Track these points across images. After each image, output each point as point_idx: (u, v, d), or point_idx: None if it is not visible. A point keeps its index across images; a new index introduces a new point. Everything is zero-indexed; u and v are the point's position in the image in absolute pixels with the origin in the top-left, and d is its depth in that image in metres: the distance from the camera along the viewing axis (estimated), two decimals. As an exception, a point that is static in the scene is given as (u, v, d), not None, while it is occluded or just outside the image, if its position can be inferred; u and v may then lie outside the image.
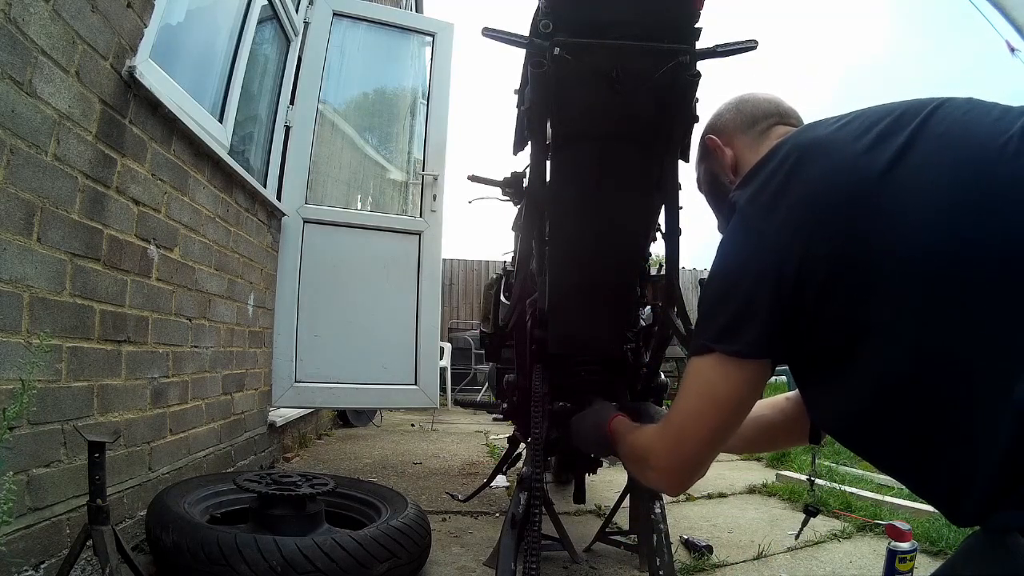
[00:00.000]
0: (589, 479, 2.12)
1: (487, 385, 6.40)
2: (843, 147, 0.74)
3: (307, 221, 3.07)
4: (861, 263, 0.68)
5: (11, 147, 1.14)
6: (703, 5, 0.99)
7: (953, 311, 0.63)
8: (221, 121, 2.33)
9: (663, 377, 1.69)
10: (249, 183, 2.44)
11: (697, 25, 1.01)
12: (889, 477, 2.79)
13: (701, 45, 1.03)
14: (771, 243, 0.74)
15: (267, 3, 2.73)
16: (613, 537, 1.90)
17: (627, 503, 1.87)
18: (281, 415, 3.07)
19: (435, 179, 3.32)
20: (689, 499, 2.68)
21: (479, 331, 3.57)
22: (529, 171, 1.45)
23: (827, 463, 3.21)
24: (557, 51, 0.99)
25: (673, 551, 1.41)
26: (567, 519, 2.06)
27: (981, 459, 0.60)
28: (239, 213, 2.40)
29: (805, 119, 0.97)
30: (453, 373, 6.75)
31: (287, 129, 3.08)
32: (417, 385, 3.20)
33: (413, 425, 4.90)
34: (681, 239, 1.31)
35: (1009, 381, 0.59)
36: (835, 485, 2.71)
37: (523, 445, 1.99)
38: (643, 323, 1.71)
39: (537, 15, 1.02)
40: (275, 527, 1.49)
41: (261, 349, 2.77)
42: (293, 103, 3.10)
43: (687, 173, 1.21)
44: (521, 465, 1.94)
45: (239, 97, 2.46)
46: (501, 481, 2.61)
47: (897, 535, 1.30)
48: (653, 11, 1.00)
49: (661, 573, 1.34)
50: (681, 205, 1.29)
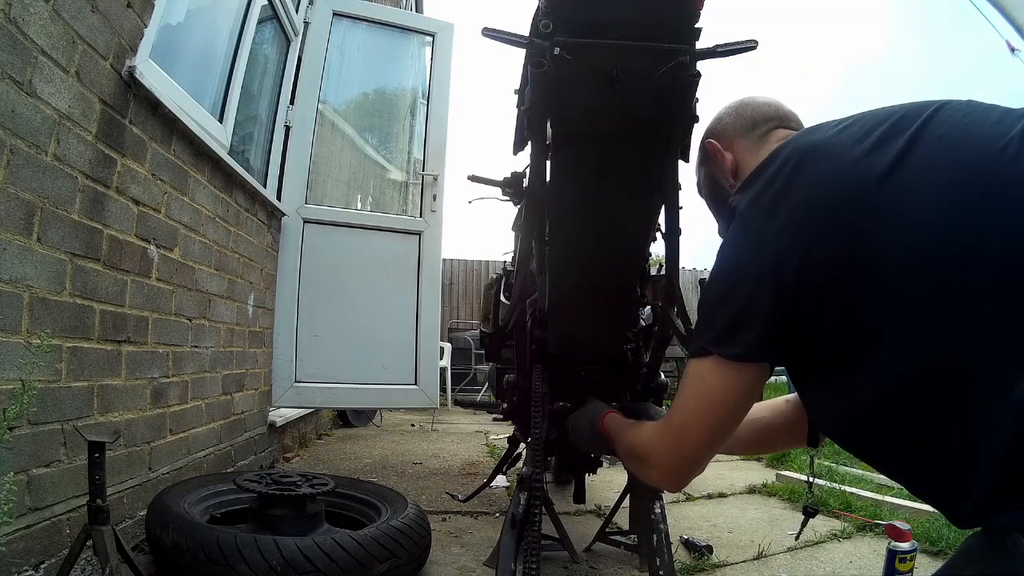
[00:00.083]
0: (589, 479, 2.12)
1: (487, 385, 6.40)
2: (843, 151, 0.74)
3: (307, 221, 3.07)
4: (861, 265, 0.68)
5: (11, 147, 1.14)
6: (703, 5, 0.99)
7: (953, 312, 0.64)
8: (221, 121, 2.33)
9: (663, 377, 1.69)
10: (249, 183, 2.44)
11: (697, 25, 1.01)
12: (889, 478, 2.79)
13: (701, 45, 1.03)
14: (771, 246, 0.74)
15: (267, 3, 2.73)
16: (613, 537, 1.90)
17: (627, 503, 1.87)
18: (281, 415, 3.07)
19: (435, 179, 3.32)
20: (689, 499, 2.68)
21: (479, 331, 3.56)
22: (529, 171, 1.45)
23: (827, 463, 3.21)
24: (557, 51, 0.99)
25: (673, 551, 1.41)
26: (567, 519, 2.06)
27: (981, 460, 0.60)
28: (239, 213, 2.40)
29: (805, 120, 0.97)
30: (453, 373, 6.75)
31: (287, 129, 3.08)
32: (417, 385, 3.20)
33: (413, 425, 4.90)
34: (681, 239, 1.31)
35: (1009, 382, 0.59)
36: (835, 485, 2.71)
37: (523, 445, 1.99)
38: (643, 323, 1.71)
39: (537, 15, 1.02)
40: (275, 527, 1.49)
41: (261, 349, 2.77)
42: (293, 103, 3.10)
43: (687, 173, 1.21)
44: (521, 465, 1.94)
45: (239, 97, 2.47)
46: (501, 481, 2.61)
47: (897, 535, 1.30)
48: (653, 11, 0.99)
49: (661, 573, 1.34)
50: (681, 205, 1.29)
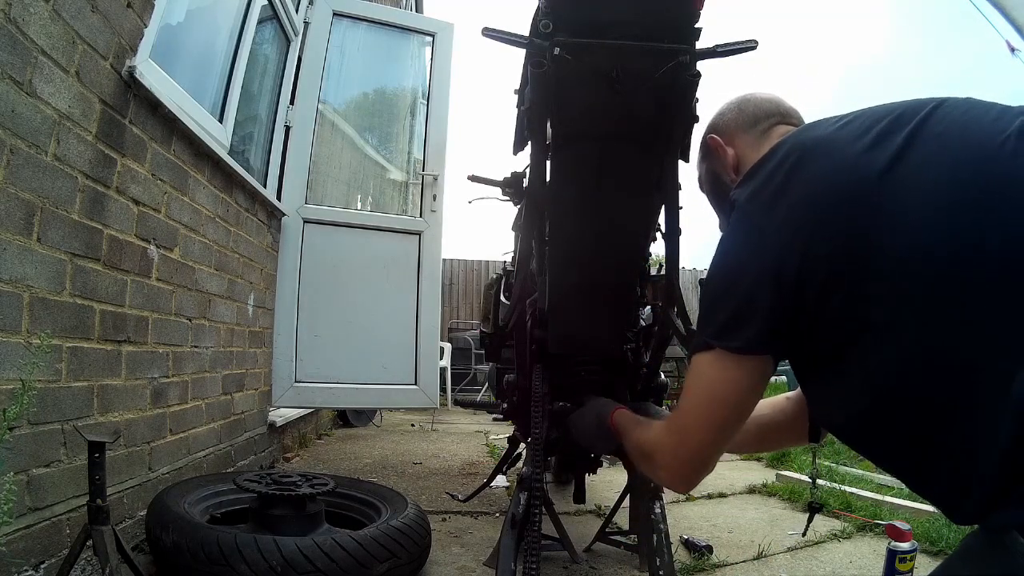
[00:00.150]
0: (589, 479, 2.12)
1: (487, 385, 6.40)
2: (843, 147, 0.74)
3: (307, 221, 3.07)
4: (861, 263, 0.68)
5: (11, 147, 1.14)
6: (703, 5, 0.99)
7: (953, 311, 0.63)
8: (221, 121, 2.33)
9: (663, 377, 1.69)
10: (249, 183, 2.44)
11: (697, 25, 1.01)
12: (889, 476, 2.78)
13: (701, 45, 1.03)
14: (771, 241, 0.74)
15: (267, 3, 2.73)
16: (613, 537, 1.90)
17: (627, 503, 1.87)
18: (281, 415, 3.07)
19: (435, 179, 3.32)
20: (689, 499, 2.68)
21: (479, 331, 3.56)
22: (529, 171, 1.45)
23: (827, 463, 3.21)
24: (557, 51, 0.99)
25: (673, 551, 1.41)
26: (567, 519, 2.06)
27: (980, 459, 0.61)
28: (239, 213, 2.40)
29: (805, 119, 0.97)
30: (453, 373, 6.75)
31: (287, 129, 3.08)
32: (417, 385, 3.20)
33: (413, 425, 4.90)
34: (681, 239, 1.32)
35: (1009, 381, 0.59)
36: (835, 485, 2.71)
37: (523, 445, 1.99)
38: (643, 323, 1.71)
39: (537, 15, 1.02)
40: (275, 527, 1.49)
41: (261, 349, 2.77)
42: (293, 103, 3.10)
43: (687, 173, 1.21)
44: (521, 465, 1.94)
45: (239, 97, 2.46)
46: (501, 481, 2.61)
47: (897, 535, 1.30)
48: (653, 11, 1.00)
49: (661, 573, 1.34)
50: (681, 205, 1.29)
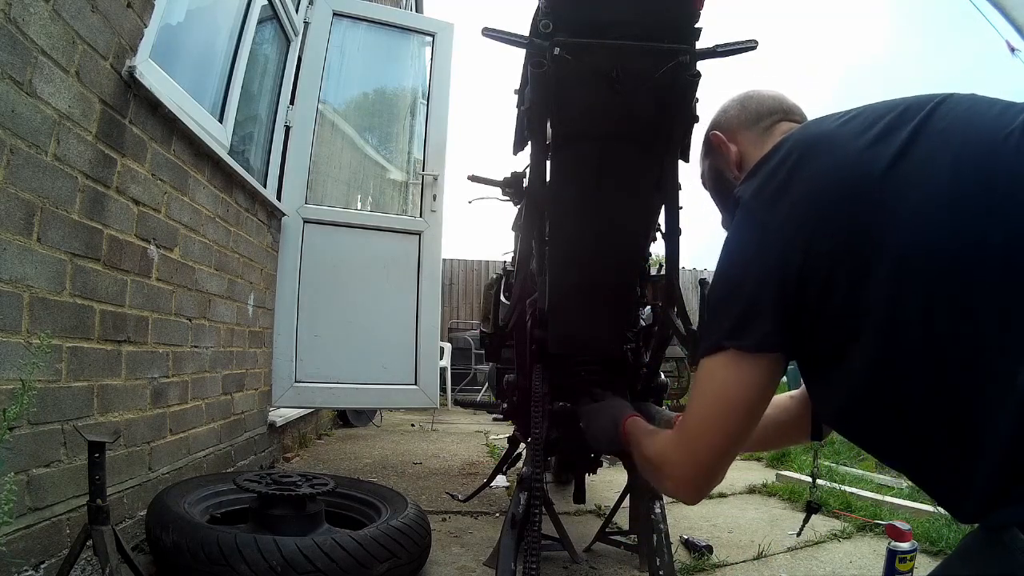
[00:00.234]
0: (589, 479, 2.12)
1: (487, 385, 6.40)
2: (846, 143, 0.74)
3: (307, 221, 3.07)
4: (863, 260, 0.68)
5: (11, 147, 1.14)
6: (703, 5, 0.99)
7: (955, 309, 0.63)
8: (221, 121, 2.33)
9: (663, 377, 1.69)
10: (249, 183, 2.44)
11: (697, 25, 1.01)
12: (889, 476, 2.76)
13: (701, 45, 1.03)
14: (775, 238, 0.73)
15: (267, 3, 2.73)
16: (613, 537, 1.90)
17: (627, 503, 1.87)
18: (281, 415, 3.07)
19: (435, 179, 3.32)
20: (689, 499, 2.67)
21: (479, 331, 3.56)
22: (529, 171, 1.45)
23: (827, 463, 3.21)
24: (557, 51, 0.99)
25: (673, 551, 1.41)
26: (567, 519, 2.06)
27: (981, 457, 0.60)
28: (239, 213, 2.40)
29: (808, 116, 0.97)
30: (453, 373, 6.75)
31: (287, 129, 3.08)
32: (417, 385, 3.20)
33: (413, 425, 4.90)
34: (681, 239, 1.31)
35: (1011, 380, 0.59)
36: (835, 485, 2.71)
37: (523, 445, 1.99)
38: (643, 323, 1.71)
39: (537, 15, 1.02)
40: (275, 527, 1.49)
41: (261, 349, 2.77)
42: (293, 103, 3.10)
43: (687, 173, 1.21)
44: (521, 465, 1.94)
45: (239, 97, 2.46)
46: (501, 481, 2.61)
47: (897, 535, 1.30)
48: (653, 11, 1.00)
49: (661, 573, 1.34)
50: (681, 205, 1.29)
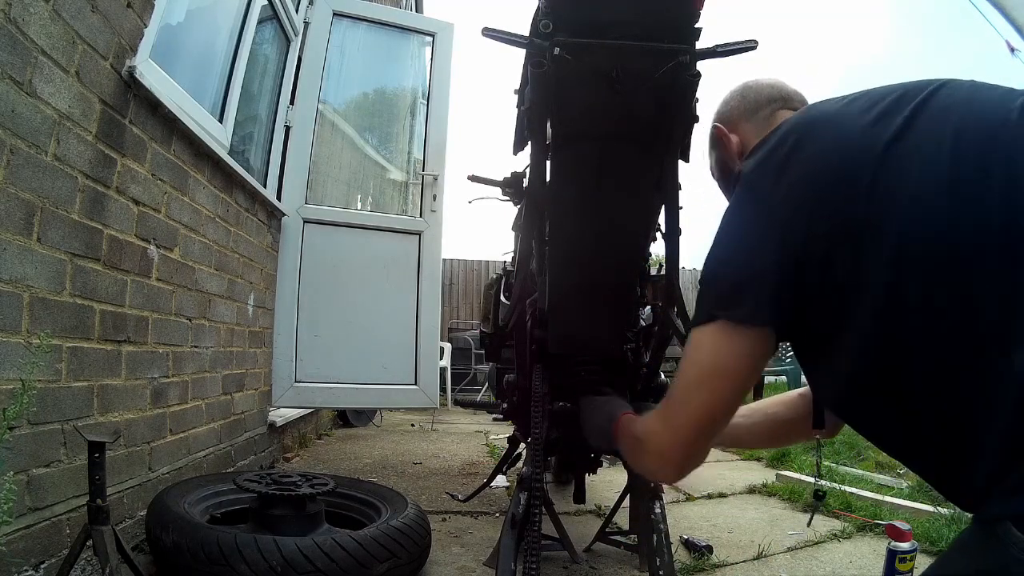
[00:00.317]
0: (589, 479, 2.12)
1: (487, 385, 6.40)
2: (847, 123, 0.74)
3: (307, 221, 3.07)
4: (860, 244, 0.67)
5: (11, 147, 1.14)
6: (703, 5, 1.00)
7: (952, 298, 0.62)
8: (221, 121, 2.33)
9: (663, 377, 1.68)
10: (249, 183, 2.44)
11: (697, 25, 1.01)
12: (889, 477, 2.75)
13: (701, 45, 1.03)
14: (773, 214, 0.73)
15: (267, 3, 2.73)
16: (613, 537, 1.90)
17: (627, 503, 1.86)
18: (281, 415, 3.07)
19: (435, 179, 3.32)
20: (689, 499, 2.68)
21: (479, 331, 3.56)
22: (529, 171, 1.45)
23: (827, 463, 3.21)
24: (557, 51, 0.99)
25: (673, 551, 1.41)
26: (567, 519, 2.06)
27: (976, 447, 0.60)
28: (239, 213, 2.40)
29: (808, 102, 0.97)
30: (453, 373, 6.75)
31: (287, 129, 3.08)
32: (417, 385, 3.20)
33: (413, 425, 4.90)
34: (681, 239, 1.32)
35: (1008, 368, 0.58)
36: (835, 485, 2.71)
37: (523, 445, 1.99)
38: (643, 323, 1.71)
39: (537, 15, 1.02)
40: (275, 527, 1.49)
41: (261, 349, 2.77)
42: (293, 103, 3.10)
43: (687, 173, 1.21)
44: (521, 465, 1.94)
45: (239, 97, 2.46)
46: (501, 481, 2.61)
47: (897, 535, 1.30)
48: (653, 11, 1.00)
49: (661, 573, 1.34)
50: (681, 205, 1.29)
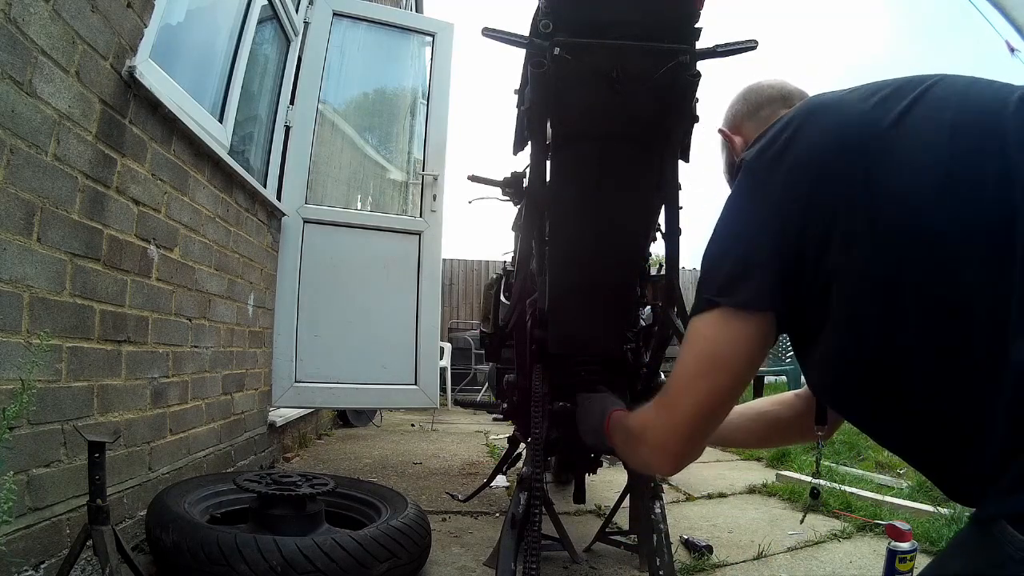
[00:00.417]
0: (589, 479, 2.12)
1: (487, 385, 6.40)
2: (848, 106, 0.74)
3: (307, 221, 3.07)
4: (853, 229, 0.67)
5: (11, 147, 1.14)
6: (703, 5, 0.99)
7: (945, 290, 0.62)
8: (221, 121, 2.33)
9: (663, 377, 1.68)
10: (249, 183, 2.44)
11: (697, 25, 1.01)
12: (889, 477, 2.75)
13: (701, 45, 1.03)
14: (773, 199, 0.73)
15: (267, 3, 2.73)
16: (613, 537, 1.90)
17: (627, 503, 1.86)
18: (281, 415, 3.07)
19: (435, 179, 3.32)
20: (689, 499, 2.68)
21: (479, 331, 3.56)
22: (529, 171, 1.45)
23: (827, 463, 3.21)
24: (557, 51, 0.99)
25: (673, 551, 1.41)
26: (567, 519, 2.06)
27: (971, 443, 0.60)
28: (239, 213, 2.40)
29: None
30: (453, 373, 6.75)
31: (287, 129, 3.08)
32: (417, 385, 3.20)
33: (413, 425, 4.90)
34: (681, 239, 1.31)
35: (1004, 368, 0.58)
36: (835, 485, 2.71)
37: (523, 445, 1.99)
38: (643, 323, 1.71)
39: (537, 15, 1.02)
40: (275, 527, 1.49)
41: (261, 349, 2.77)
42: (293, 103, 3.10)
43: (687, 173, 1.21)
44: (521, 465, 1.94)
45: (239, 97, 2.46)
46: (501, 481, 2.61)
47: (897, 535, 1.29)
48: (653, 11, 0.99)
49: (661, 573, 1.33)
50: (681, 205, 1.28)
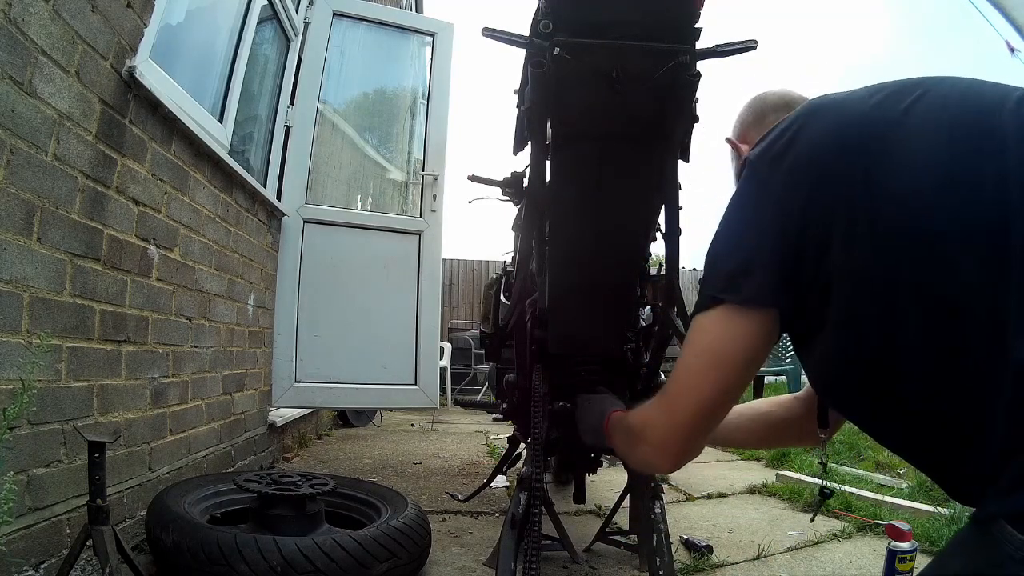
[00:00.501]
0: (589, 479, 2.12)
1: (487, 385, 6.40)
2: (847, 107, 0.75)
3: (307, 221, 3.07)
4: (853, 228, 0.67)
5: (11, 147, 1.14)
6: (703, 5, 0.99)
7: (948, 284, 0.62)
8: (221, 121, 2.33)
9: (663, 377, 1.68)
10: (249, 183, 2.44)
11: (697, 25, 1.01)
12: (889, 476, 2.75)
13: (701, 45, 1.03)
14: (776, 200, 0.73)
15: (267, 3, 2.73)
16: (613, 537, 1.90)
17: (627, 503, 1.86)
18: (281, 415, 3.07)
19: (435, 179, 3.32)
20: (689, 499, 2.68)
21: (479, 331, 3.56)
22: (529, 171, 1.45)
23: (827, 463, 3.20)
24: (557, 51, 0.98)
25: (673, 551, 1.41)
26: (567, 519, 2.06)
27: (975, 448, 0.60)
28: (239, 213, 2.40)
29: None
30: (453, 373, 6.75)
31: (287, 129, 3.08)
32: (417, 385, 3.20)
33: (413, 425, 4.90)
34: (681, 239, 1.31)
35: (1003, 368, 0.58)
36: (835, 485, 2.71)
37: (523, 445, 1.99)
38: (643, 323, 1.70)
39: (537, 15, 1.02)
40: (275, 527, 1.49)
41: (261, 349, 2.77)
42: (293, 103, 3.10)
43: (687, 173, 1.21)
44: (521, 465, 1.94)
45: (239, 97, 2.46)
46: (501, 481, 2.61)
47: (897, 535, 1.29)
48: (653, 11, 0.99)
49: (661, 573, 1.33)
50: (681, 205, 1.28)
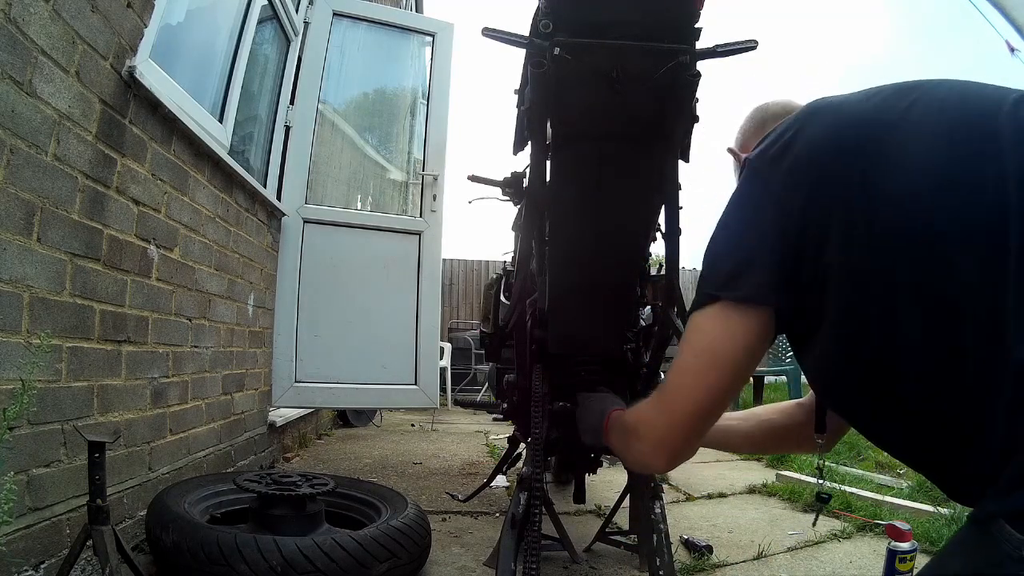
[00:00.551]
0: (589, 479, 2.12)
1: (487, 385, 6.40)
2: (846, 108, 0.75)
3: (307, 221, 3.07)
4: (851, 228, 0.67)
5: (11, 147, 1.14)
6: (703, 5, 0.99)
7: (948, 284, 0.62)
8: (221, 121, 2.33)
9: (663, 377, 1.68)
10: (249, 183, 2.44)
11: (697, 25, 1.01)
12: (889, 476, 2.76)
13: (701, 45, 1.03)
14: (775, 200, 0.73)
15: (267, 3, 2.73)
16: (613, 537, 1.90)
17: (627, 503, 1.86)
18: (281, 415, 3.07)
19: (435, 179, 3.32)
20: (689, 499, 2.68)
21: (479, 331, 3.56)
22: (529, 171, 1.45)
23: (827, 463, 3.21)
24: (557, 51, 0.99)
25: (673, 551, 1.41)
26: (567, 519, 2.06)
27: (974, 448, 0.60)
28: (239, 213, 2.40)
29: None
30: (453, 373, 6.75)
31: (287, 129, 3.09)
32: (417, 385, 3.20)
33: (413, 425, 4.90)
34: (681, 239, 1.31)
35: (1002, 369, 0.58)
36: (835, 485, 2.71)
37: (523, 445, 1.99)
38: (643, 323, 1.71)
39: (537, 15, 1.02)
40: (275, 527, 1.49)
41: (261, 349, 2.77)
42: (293, 103, 3.10)
43: (687, 173, 1.22)
44: (521, 465, 1.94)
45: (239, 97, 2.47)
46: (501, 481, 2.61)
47: (897, 535, 1.29)
48: (653, 11, 0.99)
49: (661, 573, 1.33)
50: (681, 205, 1.29)
